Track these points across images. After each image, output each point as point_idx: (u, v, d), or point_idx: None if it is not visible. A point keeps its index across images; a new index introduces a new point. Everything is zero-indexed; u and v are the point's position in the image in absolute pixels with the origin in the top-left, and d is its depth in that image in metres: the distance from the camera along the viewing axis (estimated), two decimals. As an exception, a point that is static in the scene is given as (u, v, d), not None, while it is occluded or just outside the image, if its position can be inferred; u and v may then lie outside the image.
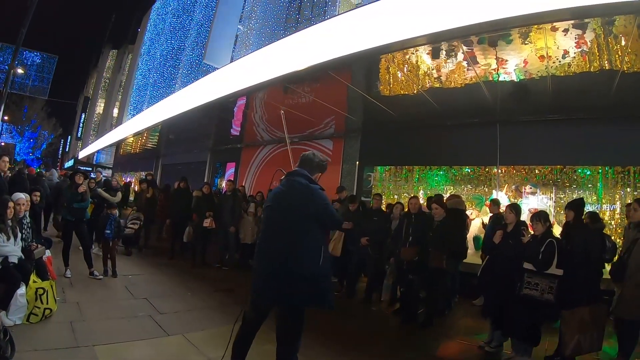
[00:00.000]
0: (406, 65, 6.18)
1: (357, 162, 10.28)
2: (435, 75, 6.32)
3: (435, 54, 5.66)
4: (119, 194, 9.05)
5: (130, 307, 5.39)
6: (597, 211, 7.25)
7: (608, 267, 5.42)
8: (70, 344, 4.02)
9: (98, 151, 25.35)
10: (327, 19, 7.72)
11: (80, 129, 46.63)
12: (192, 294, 6.41)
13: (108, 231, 7.04)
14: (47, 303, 4.63)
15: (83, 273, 6.62)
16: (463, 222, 6.29)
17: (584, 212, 5.39)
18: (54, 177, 11.87)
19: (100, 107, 42.89)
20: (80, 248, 6.78)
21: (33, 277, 4.72)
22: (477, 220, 7.97)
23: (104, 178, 10.47)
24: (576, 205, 5.13)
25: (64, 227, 6.89)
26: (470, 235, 7.26)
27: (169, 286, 6.80)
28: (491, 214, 6.95)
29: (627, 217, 6.14)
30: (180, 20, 20.05)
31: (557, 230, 5.95)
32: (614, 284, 4.88)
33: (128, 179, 23.33)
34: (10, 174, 7.16)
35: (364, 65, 6.39)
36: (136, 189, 12.51)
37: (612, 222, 7.19)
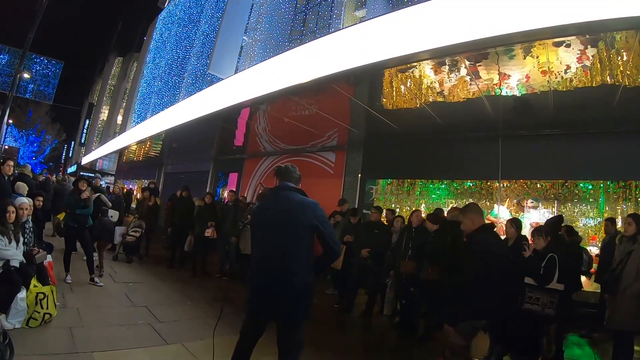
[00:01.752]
0: (409, 79, 6.23)
1: (359, 175, 10.27)
2: (438, 90, 6.36)
3: (438, 69, 5.71)
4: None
5: (129, 315, 5.42)
6: (599, 226, 7.29)
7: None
8: (69, 350, 4.04)
9: (101, 158, 25.37)
10: (332, 32, 7.80)
11: (84, 134, 46.75)
12: (192, 303, 6.45)
13: None
14: (47, 308, 4.68)
15: (84, 279, 6.67)
16: (459, 235, 6.27)
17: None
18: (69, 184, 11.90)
19: (104, 114, 43.02)
20: (84, 258, 6.84)
21: (34, 281, 4.78)
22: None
23: (103, 185, 10.50)
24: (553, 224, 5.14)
25: (66, 233, 6.93)
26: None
27: (169, 295, 6.84)
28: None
29: (604, 231, 6.55)
30: (186, 30, 20.17)
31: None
32: (607, 297, 4.93)
33: (130, 186, 23.40)
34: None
35: (367, 79, 6.43)
36: (138, 197, 12.55)
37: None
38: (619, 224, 6.71)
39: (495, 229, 4.45)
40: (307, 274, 3.00)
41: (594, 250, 6.98)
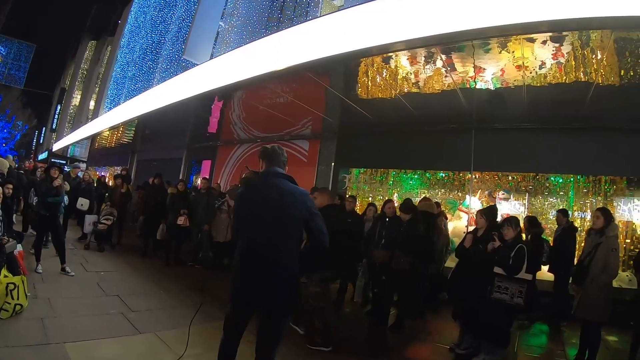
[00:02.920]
0: (384, 70, 6.23)
1: (333, 164, 10.32)
2: (413, 81, 6.39)
3: (413, 60, 5.72)
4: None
5: (101, 304, 5.33)
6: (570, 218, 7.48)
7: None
8: (41, 341, 3.96)
9: (73, 144, 24.80)
10: (309, 20, 7.73)
11: (55, 120, 45.62)
12: (165, 292, 6.36)
13: None
14: (18, 299, 4.56)
15: (55, 269, 6.52)
16: (431, 225, 6.34)
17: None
18: None
19: (76, 99, 41.97)
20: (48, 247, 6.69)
21: (4, 271, 4.66)
22: (451, 225, 8.11)
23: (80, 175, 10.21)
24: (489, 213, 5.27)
25: (38, 222, 6.75)
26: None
27: (142, 284, 6.74)
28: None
29: (556, 222, 6.89)
30: (162, 14, 19.77)
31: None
32: (575, 287, 5.10)
33: (102, 174, 22.94)
34: None
35: (343, 68, 6.41)
36: (110, 184, 12.32)
37: (583, 230, 7.38)
38: (581, 215, 6.94)
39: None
40: (294, 265, 2.87)
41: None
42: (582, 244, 5.83)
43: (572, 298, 5.20)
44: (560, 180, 8.02)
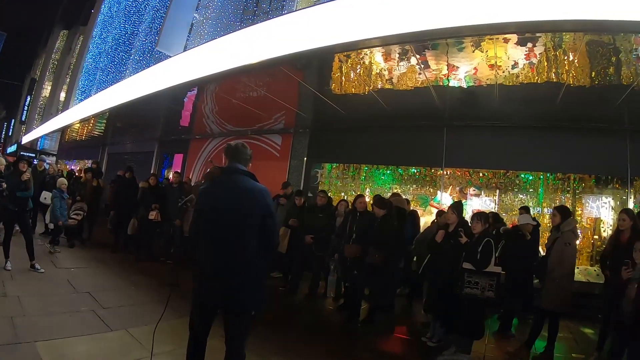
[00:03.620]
0: (359, 66, 6.24)
1: (305, 159, 10.33)
2: (387, 77, 6.42)
3: (388, 56, 5.75)
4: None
5: (72, 302, 5.22)
6: (539, 215, 7.66)
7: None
8: (11, 340, 3.86)
9: (43, 137, 24.14)
10: (285, 13, 7.68)
11: (25, 112, 44.26)
12: (136, 288, 6.30)
13: None
14: (-13, 297, 4.43)
15: (24, 265, 6.35)
16: (402, 220, 6.40)
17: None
18: None
19: (47, 90, 40.75)
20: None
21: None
22: (423, 220, 8.21)
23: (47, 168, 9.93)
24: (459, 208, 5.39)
25: (6, 217, 6.56)
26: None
27: (113, 280, 6.64)
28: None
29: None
30: (136, 4, 19.36)
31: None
32: (538, 280, 5.31)
33: (72, 167, 22.42)
34: None
35: (318, 63, 6.40)
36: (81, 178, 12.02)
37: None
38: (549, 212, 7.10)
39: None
40: (257, 260, 2.88)
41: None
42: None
43: (536, 291, 5.39)
44: (530, 178, 8.20)
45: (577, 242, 6.19)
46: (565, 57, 4.97)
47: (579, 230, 7.03)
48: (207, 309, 2.91)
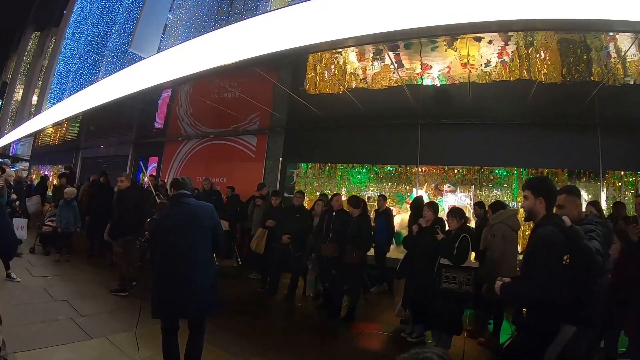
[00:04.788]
0: (333, 65, 6.26)
1: (281, 159, 10.31)
2: (361, 77, 6.46)
3: (362, 56, 5.78)
4: None
5: (50, 311, 5.17)
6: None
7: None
8: None
9: (15, 142, 23.53)
10: (259, 14, 7.66)
11: (-4, 116, 43.13)
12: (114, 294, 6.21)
13: None
14: (-38, 308, 4.30)
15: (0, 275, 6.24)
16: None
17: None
18: None
19: (18, 94, 39.68)
20: None
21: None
22: (399, 217, 8.29)
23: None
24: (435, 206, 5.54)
25: None
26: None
27: (90, 287, 6.57)
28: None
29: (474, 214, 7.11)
30: (109, 4, 19.01)
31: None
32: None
33: (45, 172, 21.94)
34: None
35: (292, 63, 6.40)
36: (55, 184, 11.80)
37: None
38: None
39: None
40: (211, 266, 3.48)
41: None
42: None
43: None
44: (504, 173, 8.33)
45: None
46: (537, 55, 5.07)
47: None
48: (171, 317, 3.37)
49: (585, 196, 7.71)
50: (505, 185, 8.37)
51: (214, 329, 3.71)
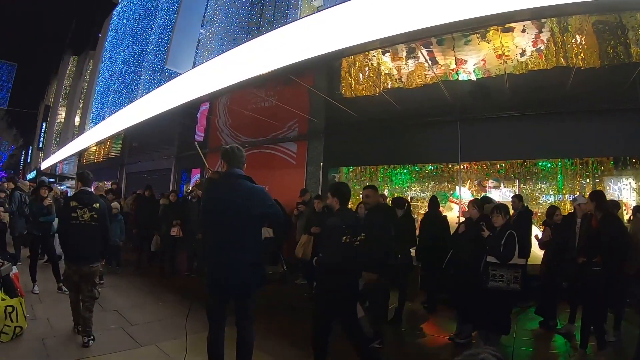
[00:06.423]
0: (367, 67, 6.26)
1: (322, 164, 10.30)
2: (396, 77, 6.42)
3: (395, 56, 5.76)
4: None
5: (101, 320, 5.26)
6: (559, 202, 7.57)
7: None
8: None
9: (61, 161, 24.61)
10: (290, 22, 7.74)
11: (41, 138, 45.12)
12: (163, 303, 6.39)
13: None
14: (17, 321, 4.54)
15: (51, 288, 6.50)
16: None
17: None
18: None
19: (61, 116, 41.52)
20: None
21: (1, 294, 4.62)
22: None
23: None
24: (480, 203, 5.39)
25: (30, 242, 6.74)
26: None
27: (139, 297, 6.75)
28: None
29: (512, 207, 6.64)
30: (142, 25, 19.68)
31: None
32: None
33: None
34: None
35: (326, 68, 6.42)
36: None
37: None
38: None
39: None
40: (256, 252, 3.32)
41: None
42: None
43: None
44: (549, 165, 8.10)
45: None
46: (573, 40, 4.92)
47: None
48: (219, 295, 3.32)
49: (633, 184, 7.43)
50: (550, 178, 8.14)
51: (260, 334, 3.72)
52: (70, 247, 4.59)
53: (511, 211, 6.73)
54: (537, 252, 6.23)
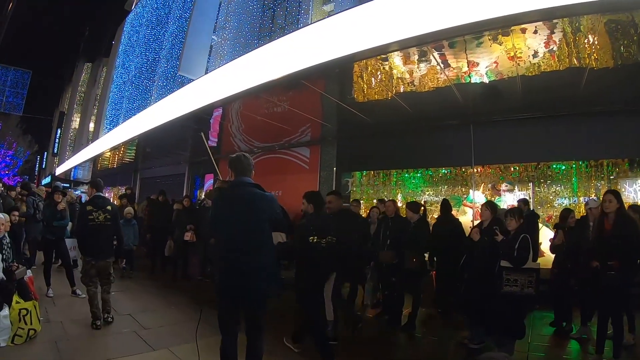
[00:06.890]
0: (379, 72, 6.26)
1: (335, 169, 10.31)
2: (408, 80, 6.42)
3: (407, 59, 5.75)
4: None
5: (114, 324, 5.36)
6: (574, 205, 7.47)
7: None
8: None
9: (75, 167, 24.86)
10: (301, 27, 7.77)
11: (56, 144, 45.59)
12: (176, 307, 6.42)
13: None
14: (31, 323, 4.61)
15: (65, 292, 6.60)
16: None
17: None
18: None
19: (75, 122, 41.96)
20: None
21: (16, 297, 4.68)
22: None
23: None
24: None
25: (44, 246, 6.84)
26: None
27: (152, 301, 6.80)
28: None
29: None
30: (154, 32, 19.86)
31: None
32: None
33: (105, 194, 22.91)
34: None
35: (338, 73, 6.44)
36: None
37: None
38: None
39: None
40: (269, 256, 3.28)
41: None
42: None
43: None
44: (563, 167, 8.01)
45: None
46: (585, 40, 4.88)
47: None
48: (230, 302, 3.27)
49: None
50: (564, 180, 8.03)
51: (272, 339, 3.70)
52: (89, 244, 5.25)
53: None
54: (547, 256, 6.16)
